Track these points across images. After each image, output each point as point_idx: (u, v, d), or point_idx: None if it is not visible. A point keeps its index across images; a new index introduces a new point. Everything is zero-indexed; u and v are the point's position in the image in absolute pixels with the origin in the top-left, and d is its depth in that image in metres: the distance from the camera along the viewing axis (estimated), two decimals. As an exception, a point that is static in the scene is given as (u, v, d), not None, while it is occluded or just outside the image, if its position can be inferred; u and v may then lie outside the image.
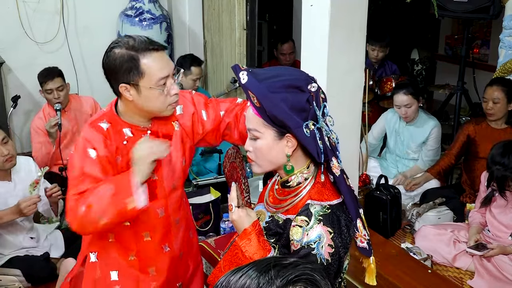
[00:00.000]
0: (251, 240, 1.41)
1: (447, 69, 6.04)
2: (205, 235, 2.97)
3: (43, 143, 3.80)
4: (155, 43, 1.71)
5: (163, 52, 1.72)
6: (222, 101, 1.99)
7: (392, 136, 3.94)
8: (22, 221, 2.92)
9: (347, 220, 1.40)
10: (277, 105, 1.33)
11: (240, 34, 4.43)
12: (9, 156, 2.78)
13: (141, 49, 1.66)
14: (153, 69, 1.67)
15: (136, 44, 1.67)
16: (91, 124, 1.79)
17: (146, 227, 1.87)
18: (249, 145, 1.47)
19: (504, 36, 3.47)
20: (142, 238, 1.87)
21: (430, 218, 3.41)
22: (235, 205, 1.48)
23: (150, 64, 1.67)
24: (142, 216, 1.81)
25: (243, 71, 1.38)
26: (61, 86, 3.80)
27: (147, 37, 1.74)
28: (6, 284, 2.76)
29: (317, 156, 1.37)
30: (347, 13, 2.66)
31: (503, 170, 2.82)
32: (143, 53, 1.66)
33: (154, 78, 1.68)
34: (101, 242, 1.89)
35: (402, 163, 3.97)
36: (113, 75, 1.71)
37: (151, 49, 1.67)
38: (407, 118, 3.76)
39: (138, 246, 1.88)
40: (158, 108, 1.74)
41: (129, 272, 1.89)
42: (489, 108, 3.40)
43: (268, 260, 0.89)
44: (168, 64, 1.72)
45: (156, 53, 1.68)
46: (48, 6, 4.68)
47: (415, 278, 2.58)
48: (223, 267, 1.47)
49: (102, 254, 1.90)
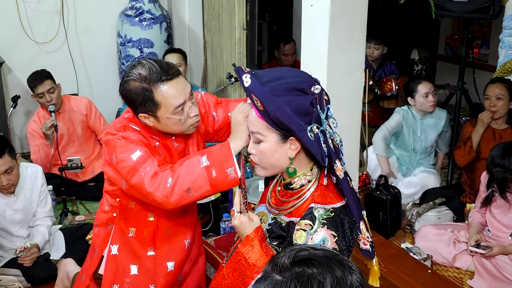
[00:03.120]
0: (253, 246, 1.40)
1: (447, 69, 6.04)
2: (205, 235, 2.97)
3: (40, 145, 3.80)
4: (169, 71, 1.67)
5: (178, 78, 1.69)
6: (233, 101, 2.00)
7: (409, 134, 3.93)
8: (17, 230, 2.93)
9: (350, 223, 1.39)
10: (281, 108, 1.32)
11: (240, 34, 4.43)
12: (8, 186, 2.76)
13: (153, 80, 1.64)
14: (168, 99, 1.66)
15: (148, 75, 1.65)
16: (124, 127, 1.76)
17: (169, 224, 1.92)
18: (252, 148, 1.46)
19: (504, 36, 3.47)
20: (164, 234, 1.92)
21: (430, 218, 3.41)
22: (237, 210, 1.47)
23: (164, 95, 1.65)
24: (167, 214, 1.86)
25: (246, 73, 1.37)
26: (52, 88, 3.78)
27: (160, 62, 1.69)
28: (6, 284, 2.76)
29: (321, 160, 1.36)
30: (347, 13, 2.66)
31: (503, 172, 2.81)
32: (155, 85, 1.65)
33: (171, 108, 1.67)
34: (123, 236, 1.92)
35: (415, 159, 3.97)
36: (131, 105, 1.72)
37: (164, 80, 1.65)
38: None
39: (159, 241, 1.91)
40: (179, 131, 1.76)
41: (148, 266, 1.93)
42: (492, 105, 3.40)
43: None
44: (184, 89, 1.69)
45: (169, 82, 1.66)
46: (48, 6, 4.68)
47: (415, 278, 2.59)
48: (226, 274, 1.47)
49: (123, 247, 1.92)
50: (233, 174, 1.58)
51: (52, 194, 3.50)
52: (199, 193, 1.61)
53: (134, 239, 1.92)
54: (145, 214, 1.88)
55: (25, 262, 2.80)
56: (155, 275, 1.94)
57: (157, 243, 1.92)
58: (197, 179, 1.58)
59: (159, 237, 1.92)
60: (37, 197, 2.98)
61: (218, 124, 1.96)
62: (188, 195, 1.60)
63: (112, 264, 1.94)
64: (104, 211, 1.97)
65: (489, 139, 3.46)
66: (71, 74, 4.79)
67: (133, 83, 1.66)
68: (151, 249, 1.93)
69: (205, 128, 1.95)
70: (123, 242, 1.93)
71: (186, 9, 5.02)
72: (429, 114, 3.88)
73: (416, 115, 3.89)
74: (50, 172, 3.81)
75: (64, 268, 2.82)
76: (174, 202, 1.61)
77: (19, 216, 2.91)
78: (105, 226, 1.97)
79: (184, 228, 1.97)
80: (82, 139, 4.08)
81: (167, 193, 1.60)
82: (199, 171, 1.59)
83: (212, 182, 1.58)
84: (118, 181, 1.76)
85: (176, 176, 1.60)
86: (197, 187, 1.59)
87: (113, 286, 1.93)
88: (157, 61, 1.70)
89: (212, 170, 1.58)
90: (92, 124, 4.10)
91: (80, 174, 3.98)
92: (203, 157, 1.60)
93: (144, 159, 1.65)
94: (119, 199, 1.88)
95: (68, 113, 3.98)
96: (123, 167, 1.67)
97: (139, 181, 1.64)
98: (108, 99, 4.93)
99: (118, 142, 1.70)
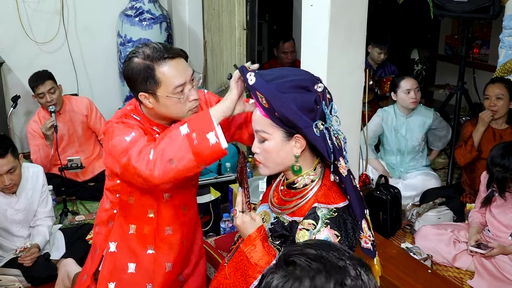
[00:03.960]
0: (255, 246, 1.40)
1: (447, 69, 6.04)
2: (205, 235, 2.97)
3: (40, 145, 3.80)
4: (171, 51, 1.70)
5: (179, 59, 1.71)
6: None
7: (392, 134, 3.93)
8: (18, 230, 2.93)
9: (353, 223, 1.40)
10: (286, 104, 1.33)
11: (240, 34, 4.43)
12: (10, 186, 2.77)
13: (156, 58, 1.67)
14: (168, 77, 1.67)
15: (151, 53, 1.67)
16: (120, 117, 1.77)
17: (169, 221, 1.92)
18: (256, 147, 1.46)
19: (504, 36, 3.47)
20: (163, 231, 1.92)
21: (430, 218, 3.41)
22: (239, 210, 1.47)
23: (165, 73, 1.67)
24: (167, 210, 1.87)
25: (250, 72, 1.38)
26: (53, 88, 3.78)
27: (164, 44, 1.73)
28: (6, 284, 2.76)
29: (327, 156, 1.37)
30: (347, 13, 2.66)
31: (503, 172, 2.81)
32: (158, 62, 1.67)
33: (171, 87, 1.68)
34: (123, 234, 1.92)
35: (405, 162, 3.96)
36: (132, 84, 1.73)
37: (166, 58, 1.67)
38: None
39: (159, 239, 1.92)
40: (177, 114, 1.75)
41: (146, 265, 1.93)
42: (492, 105, 3.40)
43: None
44: (185, 71, 1.71)
45: (171, 61, 1.68)
46: (48, 6, 4.68)
47: (415, 278, 2.58)
48: (228, 274, 1.47)
49: (122, 245, 1.92)
50: (214, 139, 1.51)
51: (52, 194, 3.50)
52: (182, 164, 1.55)
53: (135, 236, 1.92)
54: (145, 211, 1.88)
55: (25, 262, 2.80)
56: (153, 274, 1.93)
57: (157, 242, 1.92)
58: (179, 148, 1.54)
59: (159, 235, 1.92)
60: (38, 197, 2.99)
61: None
62: (172, 166, 1.55)
63: (110, 261, 1.94)
64: (105, 209, 1.97)
65: (489, 139, 3.46)
66: (71, 74, 4.79)
67: (136, 60, 1.69)
68: (151, 247, 1.92)
69: None
70: (122, 239, 1.93)
71: (186, 9, 5.03)
72: (415, 112, 3.86)
73: (400, 114, 3.87)
74: (50, 172, 3.81)
75: (65, 268, 2.82)
76: (158, 176, 1.58)
77: (20, 216, 2.91)
78: (106, 224, 1.97)
79: (183, 226, 1.97)
80: (82, 139, 4.08)
81: (151, 166, 1.58)
82: (181, 140, 1.55)
83: (194, 151, 1.53)
84: (114, 167, 1.75)
85: (158, 148, 1.58)
86: (179, 156, 1.55)
87: (109, 284, 1.93)
88: (161, 43, 1.73)
89: (193, 138, 1.53)
90: (93, 125, 4.10)
91: (80, 174, 3.98)
92: (184, 125, 1.57)
93: (136, 139, 1.65)
94: (119, 195, 1.88)
95: (69, 114, 3.98)
96: (117, 150, 1.67)
97: (127, 159, 1.63)
98: (108, 99, 4.93)
99: (116, 126, 1.72)
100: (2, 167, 2.68)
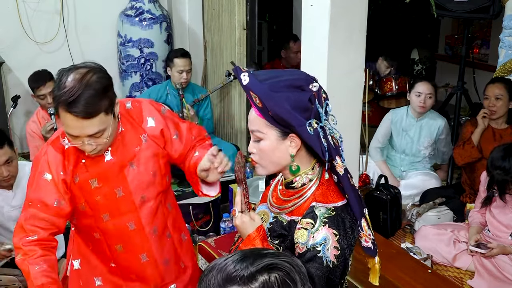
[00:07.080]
0: (255, 245, 1.40)
1: (447, 69, 6.04)
2: (205, 235, 2.97)
3: (39, 146, 3.78)
4: (74, 108, 1.64)
5: (81, 118, 1.64)
6: (189, 129, 1.98)
7: (399, 135, 3.94)
8: None
9: (351, 222, 1.40)
10: (279, 104, 1.33)
11: (240, 34, 4.43)
12: (8, 178, 2.75)
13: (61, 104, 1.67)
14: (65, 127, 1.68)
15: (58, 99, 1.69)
16: (53, 142, 1.79)
17: (117, 240, 1.88)
18: (252, 147, 1.47)
19: (504, 36, 3.47)
20: (115, 250, 1.89)
21: (430, 218, 3.41)
22: (238, 210, 1.48)
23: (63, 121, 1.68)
24: (111, 230, 1.84)
25: (244, 72, 1.39)
26: None
27: (74, 92, 1.69)
28: (6, 284, 2.76)
29: (321, 154, 1.37)
30: (347, 13, 2.66)
31: (503, 174, 2.80)
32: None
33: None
34: (83, 250, 1.93)
35: (408, 162, 3.96)
36: None
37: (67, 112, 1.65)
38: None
39: (114, 256, 1.91)
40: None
41: (112, 278, 1.93)
42: (491, 105, 3.40)
43: (252, 249, 0.97)
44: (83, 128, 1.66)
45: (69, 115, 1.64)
46: (48, 6, 4.68)
47: (415, 278, 2.58)
48: None
49: (84, 262, 1.93)
50: None
51: (52, 194, 3.50)
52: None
53: (94, 252, 1.92)
54: (90, 234, 1.88)
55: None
56: (123, 284, 1.94)
57: (115, 257, 1.91)
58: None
59: (113, 253, 1.90)
60: None
61: (176, 144, 1.92)
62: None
63: (75, 279, 1.95)
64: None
65: (489, 139, 3.46)
66: (71, 74, 4.78)
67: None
68: (112, 262, 1.92)
69: (162, 140, 1.89)
70: (83, 255, 1.93)
71: (186, 9, 5.03)
72: (427, 117, 3.86)
73: (412, 116, 3.88)
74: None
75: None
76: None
77: (17, 213, 2.89)
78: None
79: (135, 245, 1.90)
80: (82, 140, 4.07)
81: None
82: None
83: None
84: None
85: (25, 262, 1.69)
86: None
87: None
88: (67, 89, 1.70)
89: None
90: (93, 125, 4.09)
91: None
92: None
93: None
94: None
95: (69, 115, 3.96)
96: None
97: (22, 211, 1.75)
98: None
99: (35, 161, 1.78)
100: (0, 157, 2.68)
